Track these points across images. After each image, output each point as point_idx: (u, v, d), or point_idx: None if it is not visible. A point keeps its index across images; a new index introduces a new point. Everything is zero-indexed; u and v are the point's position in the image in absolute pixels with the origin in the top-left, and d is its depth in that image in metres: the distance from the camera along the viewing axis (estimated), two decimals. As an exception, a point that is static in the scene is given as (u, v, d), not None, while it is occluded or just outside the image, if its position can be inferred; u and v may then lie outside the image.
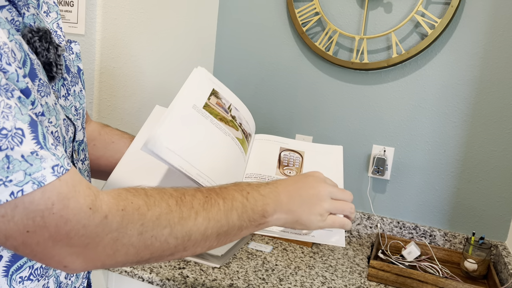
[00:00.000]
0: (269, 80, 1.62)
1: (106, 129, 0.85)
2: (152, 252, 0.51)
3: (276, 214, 0.62)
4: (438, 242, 1.43)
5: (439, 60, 1.39)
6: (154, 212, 0.50)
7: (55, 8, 0.67)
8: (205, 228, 0.54)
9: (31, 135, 0.43)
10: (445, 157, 1.42)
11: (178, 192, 0.54)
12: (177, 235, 0.52)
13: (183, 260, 1.23)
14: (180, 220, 0.52)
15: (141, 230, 0.49)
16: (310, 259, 1.34)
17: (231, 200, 0.58)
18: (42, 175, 0.43)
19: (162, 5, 1.32)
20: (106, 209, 0.47)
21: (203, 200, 0.55)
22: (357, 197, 1.54)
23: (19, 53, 0.49)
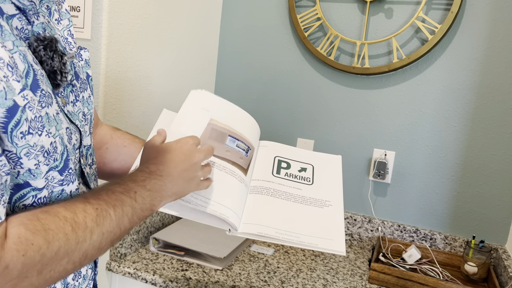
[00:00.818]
0: (271, 84, 1.64)
1: (117, 133, 0.87)
2: (50, 283, 0.52)
3: (162, 202, 0.65)
4: (438, 245, 1.45)
5: (439, 65, 1.41)
6: (53, 248, 0.50)
7: (67, 15, 0.68)
8: (100, 242, 0.55)
9: None
10: (446, 161, 1.43)
11: (70, 212, 0.53)
12: (74, 260, 0.53)
13: (186, 262, 1.24)
14: (76, 245, 0.52)
15: (40, 269, 0.49)
16: (312, 261, 1.35)
17: (121, 206, 0.58)
18: None
19: (167, 11, 1.34)
20: (8, 259, 0.46)
21: (95, 214, 0.55)
22: (358, 201, 1.56)
23: (22, 64, 0.50)
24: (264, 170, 0.88)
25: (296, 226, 0.79)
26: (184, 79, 1.51)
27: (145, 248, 1.31)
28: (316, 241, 0.77)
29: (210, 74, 1.70)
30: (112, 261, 1.21)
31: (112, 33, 1.13)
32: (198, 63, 1.59)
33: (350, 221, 1.54)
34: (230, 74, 1.70)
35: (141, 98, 1.28)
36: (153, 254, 1.28)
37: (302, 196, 0.85)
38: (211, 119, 0.82)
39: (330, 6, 1.52)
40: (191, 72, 1.55)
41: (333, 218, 0.82)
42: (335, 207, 0.84)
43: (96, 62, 1.12)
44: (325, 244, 0.77)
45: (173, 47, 1.41)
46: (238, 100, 1.69)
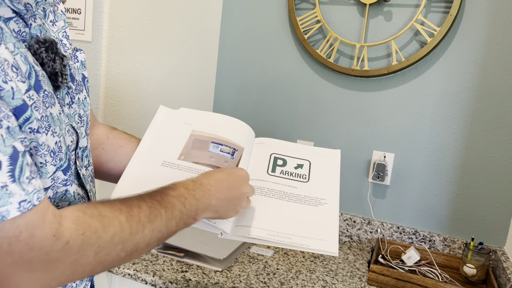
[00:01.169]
0: (271, 86, 1.64)
1: (114, 133, 0.87)
2: (104, 266, 0.55)
3: (204, 214, 0.70)
4: (437, 247, 1.45)
5: (438, 68, 1.42)
6: (109, 233, 0.54)
7: (63, 16, 0.68)
8: (150, 238, 0.60)
9: (8, 168, 0.44)
10: (444, 163, 1.44)
11: (126, 206, 0.58)
12: (127, 249, 0.57)
13: (186, 263, 1.24)
14: (130, 236, 0.56)
15: (97, 251, 0.53)
16: (311, 263, 1.35)
17: (171, 209, 0.63)
18: (7, 209, 0.44)
19: (167, 13, 1.35)
20: (68, 235, 0.49)
21: (148, 212, 0.59)
22: (357, 202, 1.56)
23: (24, 66, 0.51)
24: (259, 169, 0.87)
25: (288, 227, 0.78)
26: (184, 81, 1.51)
27: (145, 250, 1.31)
28: (308, 242, 0.76)
29: (210, 76, 1.70)
30: (112, 262, 1.21)
31: (112, 35, 1.13)
32: (198, 65, 1.60)
33: (349, 223, 1.55)
34: (230, 76, 1.71)
35: (141, 100, 1.29)
36: (153, 255, 1.28)
37: (297, 195, 0.84)
38: (193, 130, 0.85)
39: (330, 8, 1.53)
40: (191, 74, 1.56)
41: (327, 218, 0.81)
42: (329, 205, 0.83)
43: (97, 64, 1.12)
44: (317, 244, 0.76)
45: (173, 49, 1.42)
46: (238, 101, 1.69)
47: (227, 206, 0.72)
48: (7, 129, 0.45)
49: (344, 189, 1.57)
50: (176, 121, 0.87)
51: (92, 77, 1.13)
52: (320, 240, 0.77)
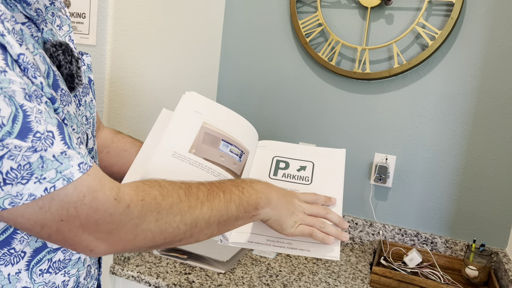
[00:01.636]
0: (273, 89, 1.65)
1: (118, 136, 0.88)
2: (165, 237, 0.57)
3: (266, 208, 0.70)
4: (439, 249, 1.46)
5: (439, 71, 1.43)
6: (168, 201, 0.57)
7: (67, 21, 0.69)
8: (209, 216, 0.61)
9: (59, 137, 0.48)
10: (446, 165, 1.44)
11: (186, 184, 0.61)
12: (186, 222, 0.59)
13: (189, 265, 1.25)
14: (189, 209, 0.59)
15: (157, 217, 0.55)
16: (314, 265, 1.36)
17: (230, 193, 0.65)
18: (70, 172, 0.48)
19: (170, 17, 1.36)
20: (128, 199, 0.53)
21: (206, 192, 0.62)
22: (359, 205, 1.57)
23: (43, 65, 0.53)
24: (260, 173, 0.86)
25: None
26: (187, 84, 1.52)
27: (148, 252, 1.32)
28: (308, 247, 0.75)
29: (213, 79, 1.71)
30: (115, 264, 1.22)
31: (116, 39, 1.14)
32: (201, 68, 1.61)
33: (351, 225, 1.55)
34: (232, 79, 1.72)
35: (145, 103, 1.30)
36: (156, 257, 1.29)
37: None
38: (204, 122, 0.82)
39: (331, 12, 1.54)
40: (194, 77, 1.57)
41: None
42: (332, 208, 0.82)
43: (101, 68, 1.13)
44: (318, 250, 0.75)
45: (176, 53, 1.43)
46: (240, 104, 1.70)
47: (286, 207, 0.72)
48: (46, 104, 0.49)
49: (346, 191, 1.57)
50: (187, 107, 0.84)
51: (96, 81, 1.14)
52: (321, 245, 0.76)
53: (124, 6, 1.15)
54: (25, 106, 0.46)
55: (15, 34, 0.48)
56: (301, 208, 0.75)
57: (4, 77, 0.44)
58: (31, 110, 0.46)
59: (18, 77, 0.46)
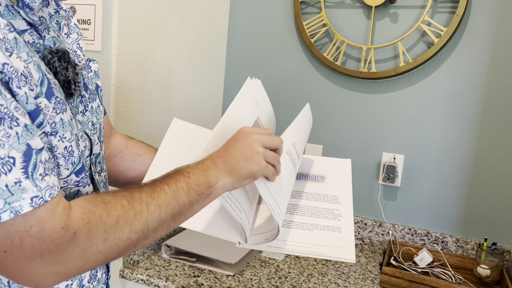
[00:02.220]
0: (279, 90, 1.65)
1: (132, 142, 0.89)
2: (117, 251, 0.56)
3: (220, 181, 0.65)
4: (450, 248, 1.44)
5: (446, 68, 1.41)
6: (113, 216, 0.54)
7: (76, 29, 0.71)
8: (159, 214, 0.59)
9: (21, 164, 0.46)
10: (455, 164, 1.43)
11: (128, 191, 0.59)
12: (136, 230, 0.57)
13: (198, 268, 1.25)
14: (135, 216, 0.56)
15: (105, 237, 0.53)
16: (323, 266, 1.35)
17: (175, 182, 0.62)
18: (20, 205, 0.46)
19: (174, 21, 1.37)
20: (76, 226, 0.51)
21: (149, 191, 0.59)
22: (368, 205, 1.56)
23: (37, 73, 0.53)
24: None
25: (306, 236, 0.79)
26: (192, 87, 1.53)
27: (157, 255, 1.32)
28: (325, 250, 0.77)
29: (219, 81, 1.72)
30: (125, 268, 1.23)
31: (121, 44, 1.15)
32: (206, 71, 1.61)
33: (360, 226, 1.54)
34: (237, 81, 1.72)
35: (151, 107, 1.31)
36: (165, 260, 1.29)
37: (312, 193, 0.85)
38: (258, 117, 0.81)
39: (336, 12, 1.54)
40: (200, 80, 1.58)
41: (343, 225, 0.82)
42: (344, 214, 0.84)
43: (107, 73, 1.14)
44: (335, 252, 0.77)
45: (181, 56, 1.44)
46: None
47: (240, 161, 0.67)
48: (24, 127, 0.47)
49: (354, 192, 1.57)
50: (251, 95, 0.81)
51: (102, 86, 1.15)
52: (338, 248, 0.78)
53: (128, 12, 1.16)
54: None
55: (5, 43, 0.48)
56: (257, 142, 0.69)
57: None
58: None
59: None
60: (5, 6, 0.52)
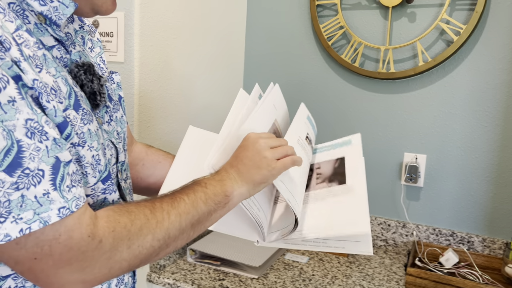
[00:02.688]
0: (298, 94, 1.66)
1: (151, 150, 0.93)
2: (141, 259, 0.58)
3: (235, 190, 0.69)
4: (476, 248, 1.42)
5: (466, 66, 1.40)
6: (136, 225, 0.57)
7: (99, 43, 0.75)
8: (179, 223, 0.62)
9: (50, 176, 0.49)
10: (479, 162, 1.41)
11: (149, 201, 0.62)
12: (159, 238, 0.59)
13: (223, 271, 1.27)
14: (157, 224, 0.59)
15: (129, 244, 0.56)
16: (347, 268, 1.35)
17: (193, 192, 0.65)
18: (48, 215, 0.48)
19: (193, 30, 1.40)
20: (101, 234, 0.53)
21: (170, 201, 0.62)
22: (391, 206, 1.55)
23: (65, 87, 0.56)
24: None
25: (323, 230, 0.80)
26: (212, 94, 1.56)
27: (183, 259, 1.35)
28: (343, 244, 0.78)
29: (238, 87, 1.74)
30: (152, 272, 1.26)
31: (143, 55, 1.19)
32: (225, 78, 1.64)
33: (384, 227, 1.54)
34: (257, 86, 1.74)
35: (172, 115, 1.34)
36: (191, 264, 1.32)
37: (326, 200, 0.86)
38: (276, 120, 0.85)
39: (353, 14, 1.54)
40: (219, 86, 1.60)
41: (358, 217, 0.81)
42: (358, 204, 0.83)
43: (130, 83, 1.18)
44: (352, 246, 0.78)
45: (201, 64, 1.47)
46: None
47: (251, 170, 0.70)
48: (53, 141, 0.50)
49: (377, 193, 1.56)
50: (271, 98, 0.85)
51: (125, 96, 1.19)
52: (355, 242, 0.78)
53: (149, 23, 1.19)
54: (22, 142, 0.47)
55: (35, 60, 0.52)
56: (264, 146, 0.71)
57: (11, 107, 0.46)
58: (28, 147, 0.47)
59: (28, 107, 0.48)
60: (35, 24, 0.56)
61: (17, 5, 0.54)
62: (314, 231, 0.78)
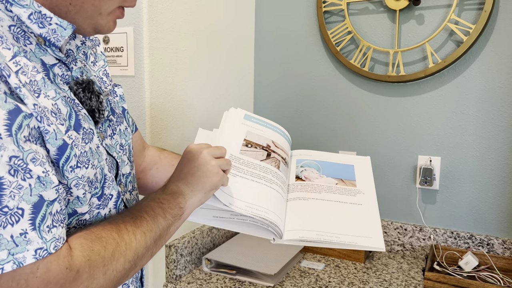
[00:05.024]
0: (309, 100, 1.67)
1: (164, 153, 0.94)
2: (115, 283, 0.58)
3: (187, 201, 0.71)
4: (497, 251, 1.39)
5: (478, 66, 1.38)
6: (109, 250, 0.57)
7: (102, 57, 0.76)
8: (145, 241, 0.63)
9: (29, 216, 0.48)
10: (495, 163, 1.39)
11: (113, 223, 0.61)
12: (129, 259, 0.60)
13: (238, 280, 1.27)
14: (127, 246, 0.60)
15: (104, 271, 0.56)
16: (364, 274, 1.33)
17: (151, 209, 0.67)
18: (23, 256, 0.47)
19: (202, 42, 1.42)
20: (78, 264, 0.53)
21: (132, 221, 0.63)
22: (406, 209, 1.53)
23: (65, 108, 0.57)
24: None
25: (335, 226, 0.81)
26: (224, 104, 1.57)
27: (198, 269, 1.35)
28: (355, 240, 0.79)
29: (248, 96, 1.75)
30: (168, 282, 1.26)
31: (153, 68, 1.21)
32: (236, 86, 1.65)
33: (400, 231, 1.52)
34: (267, 94, 1.75)
35: (184, 125, 1.35)
36: (207, 274, 1.32)
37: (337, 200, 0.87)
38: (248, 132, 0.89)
39: (360, 18, 1.54)
40: (230, 95, 1.62)
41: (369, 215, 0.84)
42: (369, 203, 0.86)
43: (141, 96, 1.20)
44: (364, 242, 0.79)
45: (211, 74, 1.48)
46: (277, 118, 1.73)
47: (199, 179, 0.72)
48: (37, 179, 0.49)
49: (392, 197, 1.54)
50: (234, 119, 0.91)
51: (137, 109, 1.21)
52: (367, 237, 0.80)
53: (158, 37, 1.22)
54: (4, 179, 0.46)
55: (32, 86, 0.53)
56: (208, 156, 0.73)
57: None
58: (9, 184, 0.46)
59: (14, 145, 0.47)
60: (36, 45, 0.57)
61: (17, 27, 0.55)
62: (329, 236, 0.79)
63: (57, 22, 0.58)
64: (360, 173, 0.93)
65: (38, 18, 0.56)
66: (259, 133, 0.90)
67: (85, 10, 0.59)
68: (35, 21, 0.56)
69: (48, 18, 0.57)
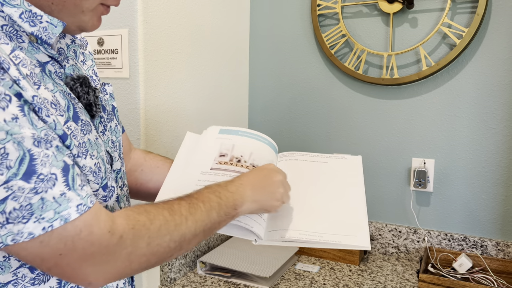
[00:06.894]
0: (303, 103, 1.67)
1: (150, 155, 0.95)
2: (158, 257, 0.62)
3: (244, 205, 0.74)
4: (490, 253, 1.39)
5: (471, 69, 1.39)
6: (155, 224, 0.61)
7: (90, 57, 0.78)
8: (195, 228, 0.66)
9: (62, 179, 0.53)
10: (488, 165, 1.40)
11: (168, 204, 0.66)
12: (175, 239, 0.63)
13: (233, 283, 1.27)
14: (175, 227, 0.63)
15: (148, 242, 0.59)
16: (358, 276, 1.34)
17: (209, 201, 0.70)
18: (68, 213, 0.52)
19: (197, 43, 1.42)
20: (121, 230, 0.57)
21: (188, 206, 0.67)
22: (401, 212, 1.53)
23: (63, 100, 0.59)
24: None
25: (319, 225, 0.80)
26: (218, 106, 1.57)
27: (193, 272, 1.35)
28: (339, 239, 0.78)
29: (243, 98, 1.76)
30: (162, 285, 1.26)
31: (148, 70, 1.21)
32: (231, 89, 1.65)
33: (395, 233, 1.52)
34: (261, 97, 1.75)
35: (179, 127, 1.35)
36: (201, 277, 1.31)
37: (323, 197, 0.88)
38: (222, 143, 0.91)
39: (354, 22, 1.55)
40: (225, 98, 1.62)
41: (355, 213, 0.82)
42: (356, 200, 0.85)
43: (135, 98, 1.20)
44: (349, 240, 0.77)
45: (206, 77, 1.48)
46: (271, 121, 1.73)
47: (265, 194, 0.77)
48: (56, 148, 0.54)
49: (386, 199, 1.55)
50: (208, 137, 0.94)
51: (132, 111, 1.20)
52: (351, 236, 0.78)
53: (152, 39, 1.22)
54: (33, 151, 0.50)
55: (33, 78, 0.54)
56: (280, 182, 0.79)
57: (15, 123, 0.49)
58: (38, 154, 0.51)
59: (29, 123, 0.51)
60: (29, 43, 0.58)
61: (9, 26, 0.56)
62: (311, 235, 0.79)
63: (48, 20, 0.59)
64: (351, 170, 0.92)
65: (29, 17, 0.57)
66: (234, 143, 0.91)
67: (67, 9, 0.60)
68: (26, 19, 0.57)
69: (38, 16, 0.58)
